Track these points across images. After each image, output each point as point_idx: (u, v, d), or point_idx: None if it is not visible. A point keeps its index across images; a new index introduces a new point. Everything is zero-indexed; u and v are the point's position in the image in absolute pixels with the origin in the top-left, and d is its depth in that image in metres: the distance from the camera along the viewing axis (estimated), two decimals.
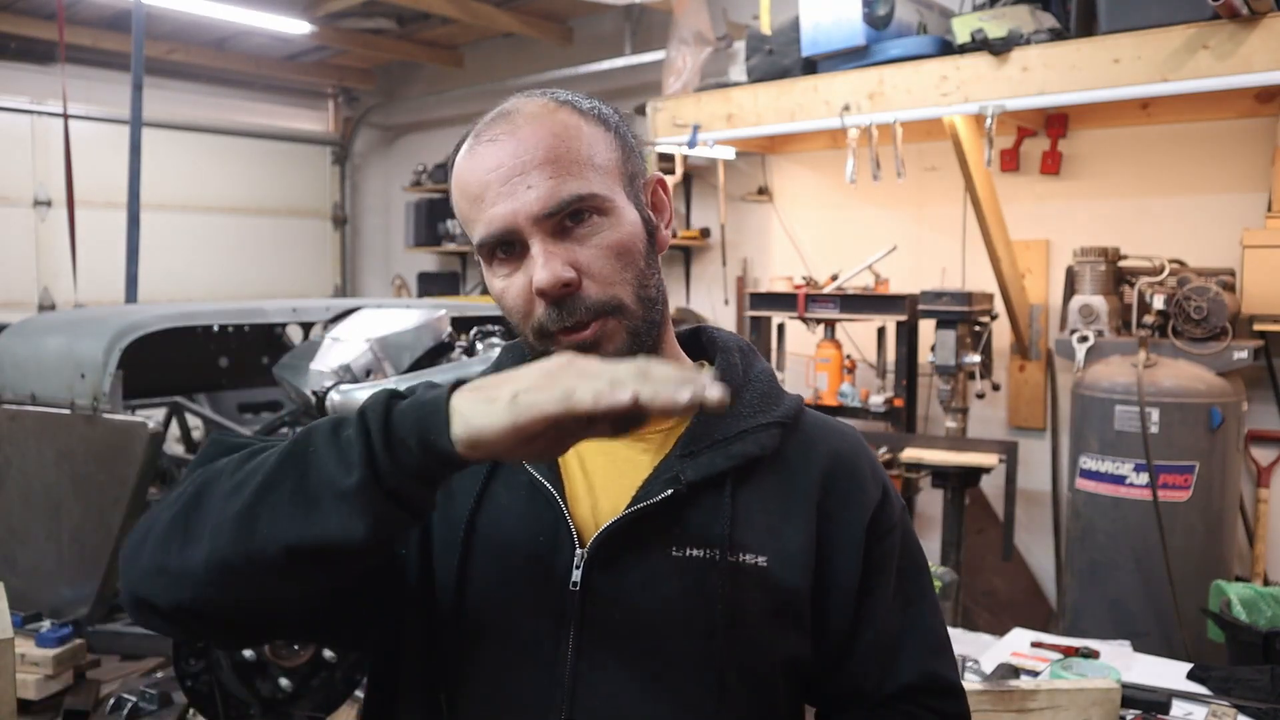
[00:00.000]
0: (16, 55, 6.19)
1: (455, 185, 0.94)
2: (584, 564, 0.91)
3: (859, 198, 4.51)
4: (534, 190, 0.88)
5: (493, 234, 0.90)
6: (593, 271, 0.90)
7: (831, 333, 4.10)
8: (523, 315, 0.92)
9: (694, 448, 0.95)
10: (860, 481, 1.00)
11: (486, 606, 0.94)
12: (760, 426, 0.97)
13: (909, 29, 3.48)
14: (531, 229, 0.89)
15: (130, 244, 4.18)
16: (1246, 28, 2.72)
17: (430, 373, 2.68)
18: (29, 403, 2.90)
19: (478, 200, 0.90)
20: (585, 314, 0.90)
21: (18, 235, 6.22)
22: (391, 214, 7.71)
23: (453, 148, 0.98)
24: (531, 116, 0.92)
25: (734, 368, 1.02)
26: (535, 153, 0.89)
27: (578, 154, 0.91)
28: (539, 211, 0.88)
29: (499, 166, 0.89)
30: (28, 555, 2.87)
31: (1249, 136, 3.58)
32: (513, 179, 0.89)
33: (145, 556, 0.84)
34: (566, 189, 0.89)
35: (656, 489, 0.92)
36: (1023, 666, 2.01)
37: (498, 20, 5.80)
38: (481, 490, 0.97)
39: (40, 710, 2.52)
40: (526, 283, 0.90)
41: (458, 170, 0.94)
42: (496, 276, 0.93)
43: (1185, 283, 3.22)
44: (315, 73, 7.38)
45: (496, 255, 0.92)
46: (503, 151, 0.90)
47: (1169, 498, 3.06)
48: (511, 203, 0.88)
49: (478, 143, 0.92)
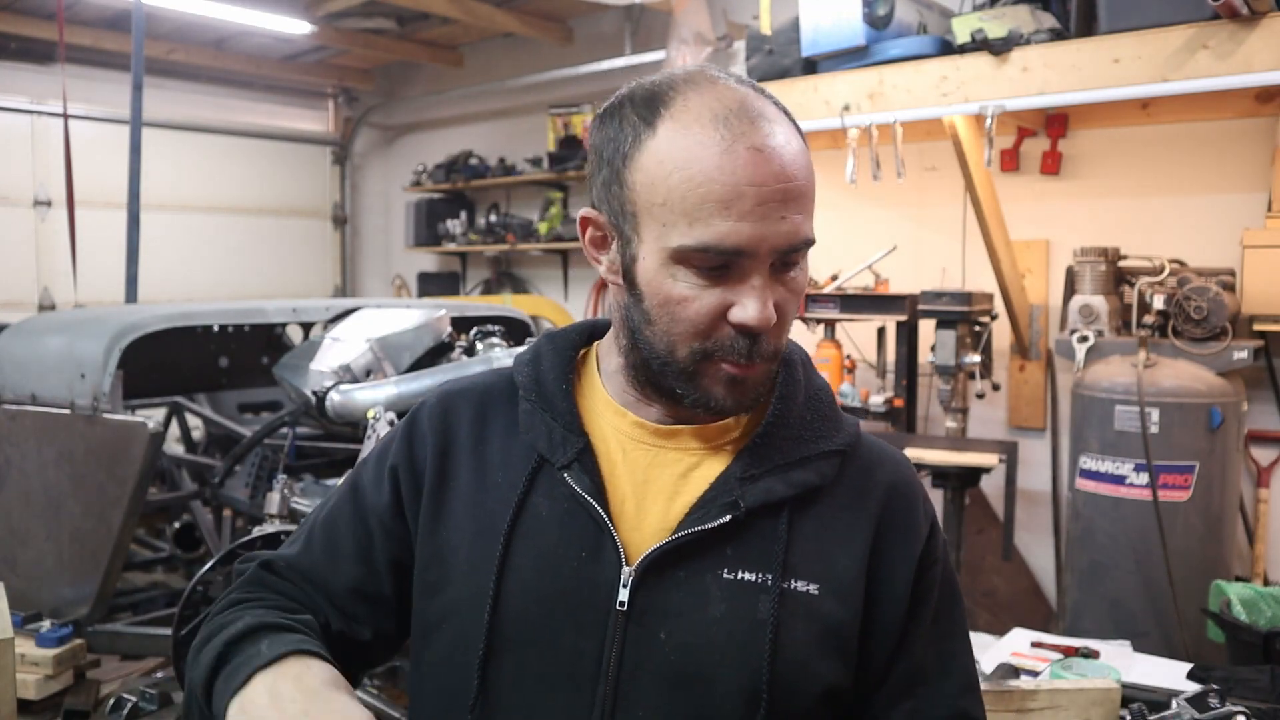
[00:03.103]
0: (16, 55, 6.19)
1: (678, 167, 0.84)
2: (631, 583, 0.89)
3: (859, 198, 4.51)
4: (785, 224, 0.84)
5: (725, 248, 0.83)
6: (783, 316, 0.89)
7: (831, 333, 4.10)
8: (697, 332, 0.87)
9: (754, 470, 0.92)
10: (914, 516, 0.98)
11: (524, 621, 0.91)
12: (821, 455, 0.95)
13: (909, 29, 3.48)
14: (764, 260, 0.85)
15: (130, 244, 4.18)
16: (1246, 28, 2.72)
17: (431, 373, 2.68)
18: (29, 403, 2.90)
19: (720, 204, 0.82)
20: (763, 356, 0.89)
21: (18, 235, 6.22)
22: (391, 214, 7.71)
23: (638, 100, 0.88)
24: (782, 130, 0.86)
25: (797, 383, 0.99)
26: (794, 183, 0.85)
27: (813, 193, 0.89)
28: (783, 247, 0.85)
29: (763, 183, 0.83)
30: (28, 555, 2.87)
31: (1249, 136, 3.58)
32: (771, 202, 0.83)
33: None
34: (806, 231, 0.87)
35: (714, 514, 0.90)
36: (1023, 666, 2.01)
37: (498, 20, 5.80)
38: (521, 500, 0.94)
39: (40, 710, 2.52)
40: (721, 305, 0.86)
41: (691, 151, 0.84)
42: (680, 281, 0.86)
43: (1185, 283, 3.22)
44: (315, 73, 7.38)
45: (694, 261, 0.85)
46: (770, 167, 0.83)
47: (1169, 498, 3.05)
48: (761, 227, 0.83)
49: (736, 141, 0.83)
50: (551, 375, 1.00)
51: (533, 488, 0.94)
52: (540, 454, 0.95)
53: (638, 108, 0.88)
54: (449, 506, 0.98)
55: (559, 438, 0.95)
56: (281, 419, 3.08)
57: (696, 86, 0.87)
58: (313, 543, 1.04)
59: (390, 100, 7.74)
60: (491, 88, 6.57)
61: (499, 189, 6.73)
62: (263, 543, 2.15)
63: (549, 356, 1.02)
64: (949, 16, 3.46)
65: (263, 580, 1.01)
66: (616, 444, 0.96)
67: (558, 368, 1.00)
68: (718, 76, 0.89)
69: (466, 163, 6.68)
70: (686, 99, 0.86)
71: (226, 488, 3.22)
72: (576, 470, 0.93)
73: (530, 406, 0.98)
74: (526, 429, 0.97)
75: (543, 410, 0.97)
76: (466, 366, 2.71)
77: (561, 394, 0.98)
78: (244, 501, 3.14)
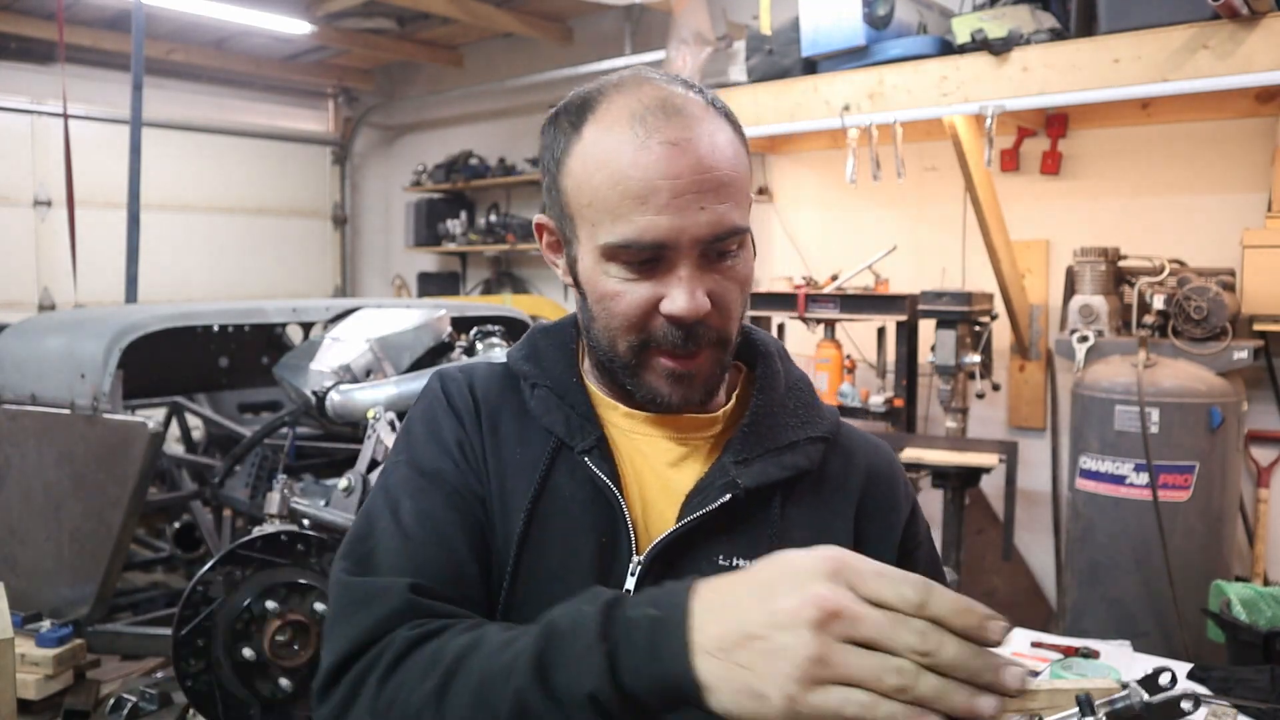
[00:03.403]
0: (16, 55, 6.19)
1: (598, 167, 0.86)
2: (639, 573, 0.90)
3: (859, 198, 4.51)
4: (705, 214, 0.85)
5: (645, 242, 0.85)
6: (721, 304, 0.89)
7: (831, 333, 4.10)
8: (630, 325, 0.89)
9: (746, 455, 0.93)
10: (894, 498, 1.00)
11: (540, 597, 0.89)
12: (809, 440, 0.96)
13: (909, 29, 3.48)
14: (688, 250, 0.86)
15: (130, 244, 4.18)
16: (1246, 28, 2.72)
17: (429, 373, 2.67)
18: (29, 403, 2.90)
19: (636, 199, 0.84)
20: (703, 343, 0.89)
21: (18, 235, 6.22)
22: (391, 214, 7.71)
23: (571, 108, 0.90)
24: (702, 124, 0.87)
25: (776, 374, 1.01)
26: (713, 173, 0.85)
27: (743, 181, 0.89)
28: (705, 237, 0.85)
29: (676, 177, 0.84)
30: (28, 555, 2.87)
31: (1249, 136, 3.58)
32: (687, 194, 0.84)
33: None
34: (731, 219, 0.87)
35: (713, 494, 0.91)
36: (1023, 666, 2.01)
37: (498, 20, 5.80)
38: (544, 476, 0.93)
39: (40, 710, 2.52)
40: (651, 297, 0.87)
41: (609, 151, 0.86)
42: (611, 276, 0.88)
43: (1185, 283, 3.22)
44: (315, 73, 7.39)
45: (621, 257, 0.87)
46: (682, 162, 0.84)
47: (1169, 498, 3.05)
48: (679, 219, 0.84)
49: (649, 137, 0.85)
50: (560, 367, 1.00)
51: (554, 467, 0.94)
52: (558, 437, 0.95)
53: (570, 115, 0.91)
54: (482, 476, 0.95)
55: (577, 424, 0.95)
56: (281, 419, 3.08)
57: (622, 89, 0.89)
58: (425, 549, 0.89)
59: (390, 100, 7.74)
60: (491, 88, 6.57)
61: (499, 189, 6.73)
62: (263, 543, 2.15)
63: (551, 351, 1.01)
64: (949, 16, 3.46)
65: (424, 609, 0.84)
66: (615, 434, 0.97)
67: (564, 361, 1.00)
68: (649, 77, 0.91)
69: (466, 163, 6.68)
70: (611, 101, 0.88)
71: (226, 488, 3.22)
72: (596, 456, 0.93)
73: (545, 393, 0.98)
74: (542, 413, 0.97)
75: (558, 396, 0.97)
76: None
77: (574, 386, 0.98)
78: (244, 501, 3.14)
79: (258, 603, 2.12)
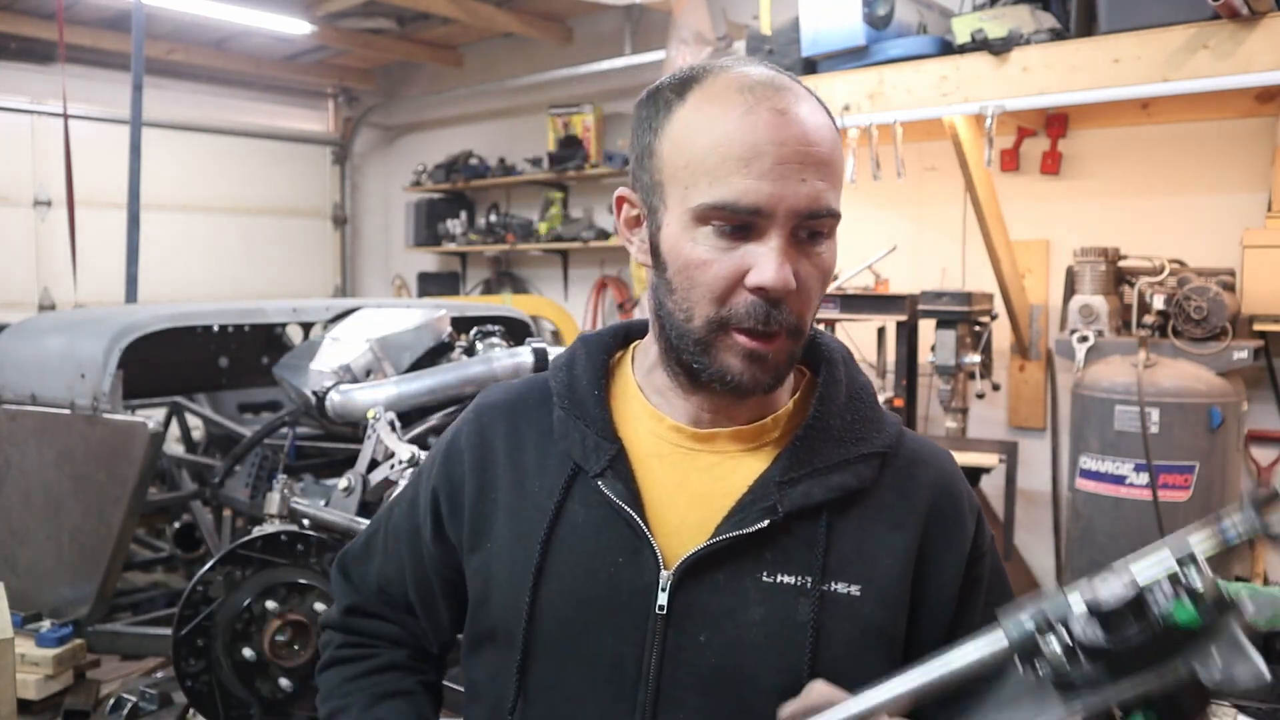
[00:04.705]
0: (16, 55, 6.19)
1: (702, 129, 0.86)
2: (670, 587, 0.89)
3: (859, 198, 4.50)
4: (805, 187, 0.84)
5: (742, 205, 0.83)
6: (804, 289, 0.87)
7: (831, 332, 4.09)
8: (713, 297, 0.86)
9: (793, 474, 0.91)
10: (960, 512, 0.97)
11: (563, 628, 0.92)
12: (861, 457, 0.93)
13: (909, 29, 3.48)
14: (783, 222, 0.84)
15: (130, 244, 4.18)
16: (1246, 28, 2.72)
17: (431, 372, 2.68)
18: (29, 403, 2.90)
19: (740, 161, 0.83)
20: (780, 326, 0.87)
21: (18, 235, 6.22)
22: (391, 214, 7.71)
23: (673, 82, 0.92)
24: (808, 101, 0.88)
25: (838, 384, 0.98)
26: (819, 149, 0.85)
27: (840, 167, 0.89)
28: (802, 210, 0.85)
29: (783, 143, 0.84)
30: (28, 555, 2.87)
31: (1249, 136, 3.58)
32: (792, 163, 0.84)
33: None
34: (829, 199, 0.86)
35: (752, 518, 0.89)
36: None
37: (498, 20, 5.80)
38: (558, 507, 0.94)
39: (40, 710, 2.52)
40: (738, 268, 0.85)
41: (715, 115, 0.86)
42: (700, 243, 0.86)
43: (1185, 283, 3.22)
44: (315, 73, 7.39)
45: (714, 218, 0.85)
46: (790, 130, 0.84)
47: (1169, 498, 3.05)
48: (781, 186, 0.83)
49: (758, 104, 0.85)
50: (585, 381, 0.99)
51: (569, 495, 0.94)
52: (575, 461, 0.95)
53: (672, 87, 0.91)
54: (491, 519, 0.98)
55: (592, 444, 0.95)
56: (281, 419, 3.08)
57: (727, 67, 0.90)
58: (387, 554, 1.12)
59: (390, 100, 7.74)
60: (491, 88, 6.57)
61: (499, 189, 6.73)
62: (263, 543, 2.15)
63: (582, 361, 1.01)
64: (949, 16, 3.46)
65: (354, 627, 1.14)
66: (653, 448, 0.96)
67: (590, 372, 1.00)
68: (750, 60, 0.92)
69: (466, 163, 6.68)
70: (717, 75, 0.89)
71: (226, 488, 3.22)
72: (610, 477, 0.93)
73: (564, 414, 0.98)
74: (561, 436, 0.97)
75: (576, 417, 0.97)
76: (466, 366, 2.71)
77: (594, 400, 0.98)
78: (244, 501, 3.14)
79: (258, 603, 2.12)
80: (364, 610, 1.13)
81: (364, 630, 1.13)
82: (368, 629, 1.13)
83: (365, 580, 1.13)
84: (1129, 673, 0.61)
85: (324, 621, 1.18)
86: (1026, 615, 0.66)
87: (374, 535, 1.15)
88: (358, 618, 1.13)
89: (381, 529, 1.14)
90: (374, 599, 1.12)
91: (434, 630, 1.10)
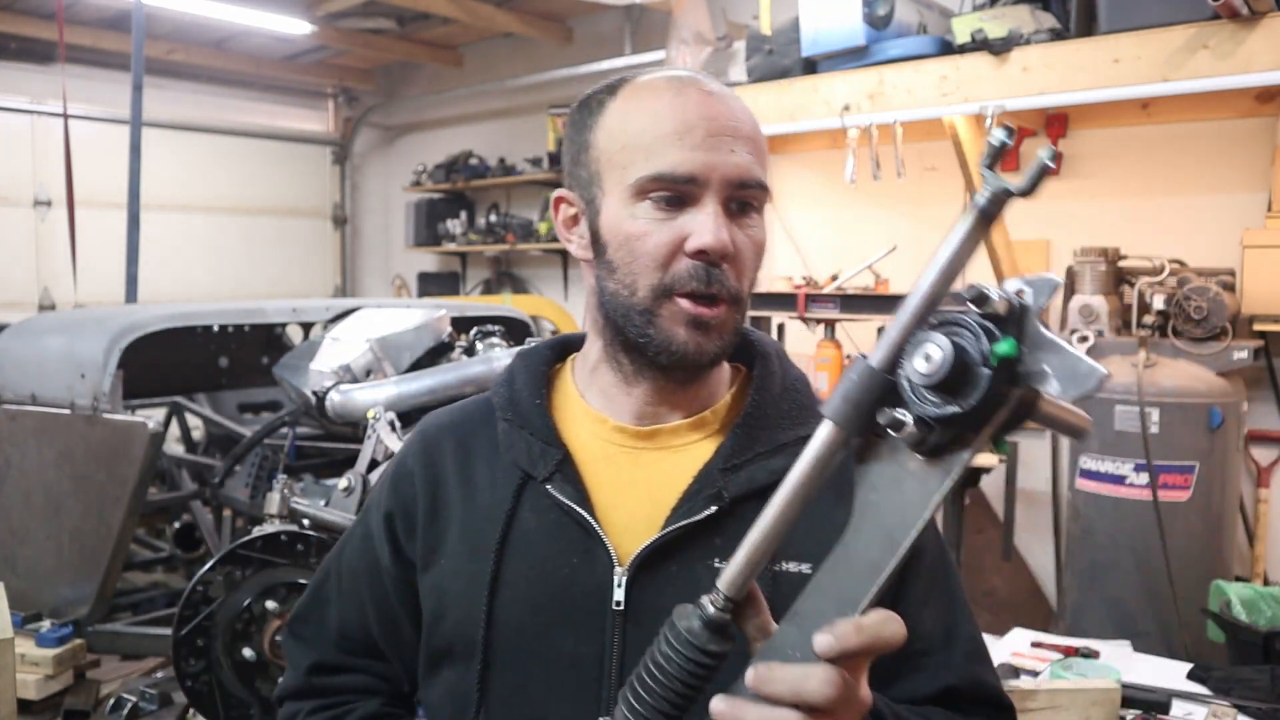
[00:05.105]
0: (16, 55, 6.20)
1: (635, 113, 0.92)
2: (625, 582, 0.91)
3: (859, 198, 4.50)
4: (735, 157, 0.90)
5: (679, 174, 0.89)
6: (739, 257, 0.91)
7: (831, 333, 4.09)
8: (655, 264, 0.90)
9: (735, 461, 0.94)
10: None
11: (521, 633, 0.93)
12: (799, 440, 0.94)
13: (909, 29, 3.48)
14: (717, 190, 0.89)
15: (130, 244, 4.18)
16: (1246, 28, 2.72)
17: (431, 373, 2.68)
18: (29, 403, 2.90)
19: (671, 135, 0.89)
20: (722, 291, 0.90)
21: (18, 235, 6.23)
22: (391, 214, 7.71)
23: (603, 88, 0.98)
24: (732, 93, 0.95)
25: (773, 375, 1.01)
26: (745, 126, 0.92)
27: (764, 148, 0.95)
28: (734, 178, 0.90)
29: (713, 118, 0.90)
30: (28, 555, 2.87)
31: (1249, 136, 3.58)
32: (723, 135, 0.90)
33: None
34: (758, 172, 0.92)
35: (699, 506, 0.92)
36: (1023, 666, 2.01)
37: (498, 20, 5.80)
38: (509, 515, 0.96)
39: (40, 710, 2.52)
40: (678, 236, 0.90)
41: (646, 101, 0.92)
42: (639, 217, 0.91)
43: (1185, 283, 3.22)
44: (315, 73, 7.39)
45: (650, 195, 0.90)
46: (719, 107, 0.91)
47: (1169, 498, 3.05)
48: (713, 156, 0.89)
49: (684, 87, 0.92)
50: (525, 392, 1.02)
51: (519, 503, 0.96)
52: (523, 470, 0.97)
53: (603, 90, 0.98)
54: (444, 536, 1.00)
55: (538, 451, 0.97)
56: (281, 419, 3.09)
57: (653, 70, 0.98)
58: (344, 597, 1.09)
59: (390, 100, 7.74)
60: (491, 88, 6.57)
61: (499, 189, 6.73)
62: (263, 543, 2.15)
63: (522, 374, 1.04)
64: (949, 16, 3.46)
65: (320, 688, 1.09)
66: (598, 450, 0.98)
67: (530, 384, 1.03)
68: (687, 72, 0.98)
69: (466, 163, 6.68)
70: (643, 76, 0.96)
71: (226, 488, 3.22)
72: (559, 481, 0.95)
73: (508, 425, 1.00)
74: (507, 448, 0.99)
75: (520, 427, 1.00)
76: (466, 366, 2.71)
77: (536, 409, 1.00)
78: (244, 501, 3.14)
79: (258, 603, 2.12)
80: (327, 667, 1.09)
81: (331, 688, 1.09)
82: (335, 685, 1.09)
83: (322, 633, 1.10)
84: (985, 419, 0.63)
85: (281, 693, 1.11)
86: (845, 385, 0.69)
87: (323, 585, 1.12)
88: (323, 676, 1.09)
89: (332, 575, 1.11)
90: (334, 651, 1.09)
91: (405, 667, 1.07)
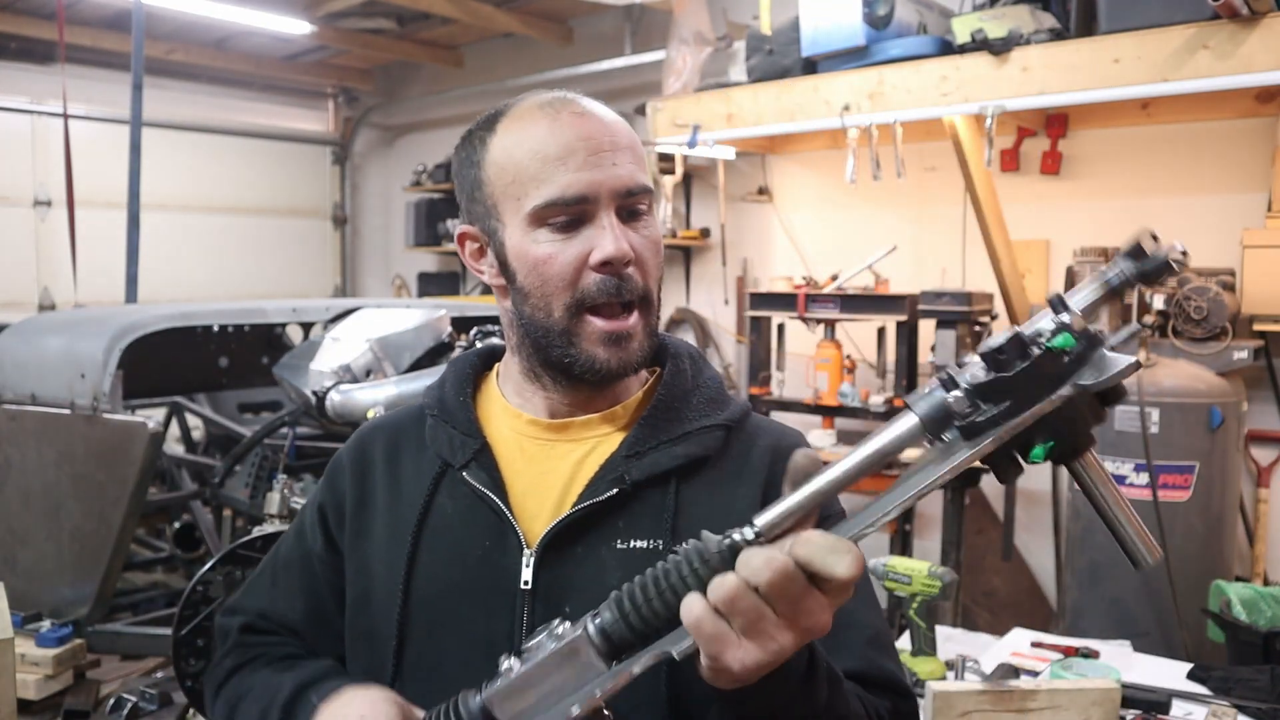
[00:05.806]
0: (16, 55, 6.19)
1: (517, 145, 0.96)
2: (533, 563, 0.96)
3: (859, 198, 4.51)
4: (618, 169, 0.95)
5: (568, 197, 0.93)
6: (641, 259, 0.96)
7: (831, 333, 4.10)
8: (565, 284, 0.95)
9: (640, 449, 0.98)
10: None
11: (436, 612, 0.98)
12: (704, 429, 1.01)
13: (909, 29, 3.48)
14: (607, 203, 0.94)
15: (130, 244, 4.18)
16: (1246, 28, 2.72)
17: (430, 373, 2.68)
18: (29, 403, 2.90)
19: (555, 161, 0.93)
20: (632, 295, 0.95)
21: (18, 235, 6.22)
22: (391, 214, 7.71)
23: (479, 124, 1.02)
24: (601, 107, 0.99)
25: (682, 374, 1.05)
26: (621, 138, 0.97)
27: (641, 152, 1.00)
28: (621, 189, 0.94)
29: (590, 136, 0.94)
30: (28, 555, 2.87)
31: (1249, 136, 3.58)
32: (602, 153, 0.94)
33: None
34: (641, 178, 0.97)
35: (602, 488, 0.96)
36: (1023, 666, 2.01)
37: (498, 20, 5.80)
38: (427, 500, 1.01)
39: (40, 710, 2.52)
40: (581, 253, 0.94)
41: (525, 132, 0.96)
42: (541, 242, 0.95)
43: (1185, 283, 3.22)
44: (315, 73, 7.38)
45: (548, 221, 0.94)
46: (592, 126, 0.95)
47: (1169, 498, 3.06)
48: (597, 173, 0.93)
49: (558, 113, 0.96)
50: (452, 391, 1.09)
51: (438, 490, 1.02)
52: (444, 459, 1.03)
53: (481, 126, 1.02)
54: (369, 525, 1.06)
55: (459, 442, 1.03)
56: (281, 419, 3.09)
57: (524, 98, 1.02)
58: (275, 587, 1.14)
59: (390, 100, 7.74)
60: (491, 88, 6.57)
61: None
62: (262, 543, 2.15)
63: (451, 378, 1.11)
64: (949, 16, 3.46)
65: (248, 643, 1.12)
66: (515, 442, 1.04)
67: (457, 385, 1.09)
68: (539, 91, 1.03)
69: None
70: (515, 105, 1.00)
71: (226, 488, 3.23)
72: (474, 468, 1.01)
73: (433, 420, 1.07)
74: (432, 441, 1.06)
75: (444, 421, 1.06)
76: None
77: (459, 404, 1.06)
78: (244, 501, 3.14)
79: None
80: (257, 629, 1.12)
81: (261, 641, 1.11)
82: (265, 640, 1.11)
83: (248, 609, 1.13)
84: (1024, 404, 0.66)
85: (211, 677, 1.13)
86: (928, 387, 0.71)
87: (257, 578, 1.17)
88: (253, 635, 1.12)
89: (267, 570, 1.16)
90: (261, 621, 1.12)
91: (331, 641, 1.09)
